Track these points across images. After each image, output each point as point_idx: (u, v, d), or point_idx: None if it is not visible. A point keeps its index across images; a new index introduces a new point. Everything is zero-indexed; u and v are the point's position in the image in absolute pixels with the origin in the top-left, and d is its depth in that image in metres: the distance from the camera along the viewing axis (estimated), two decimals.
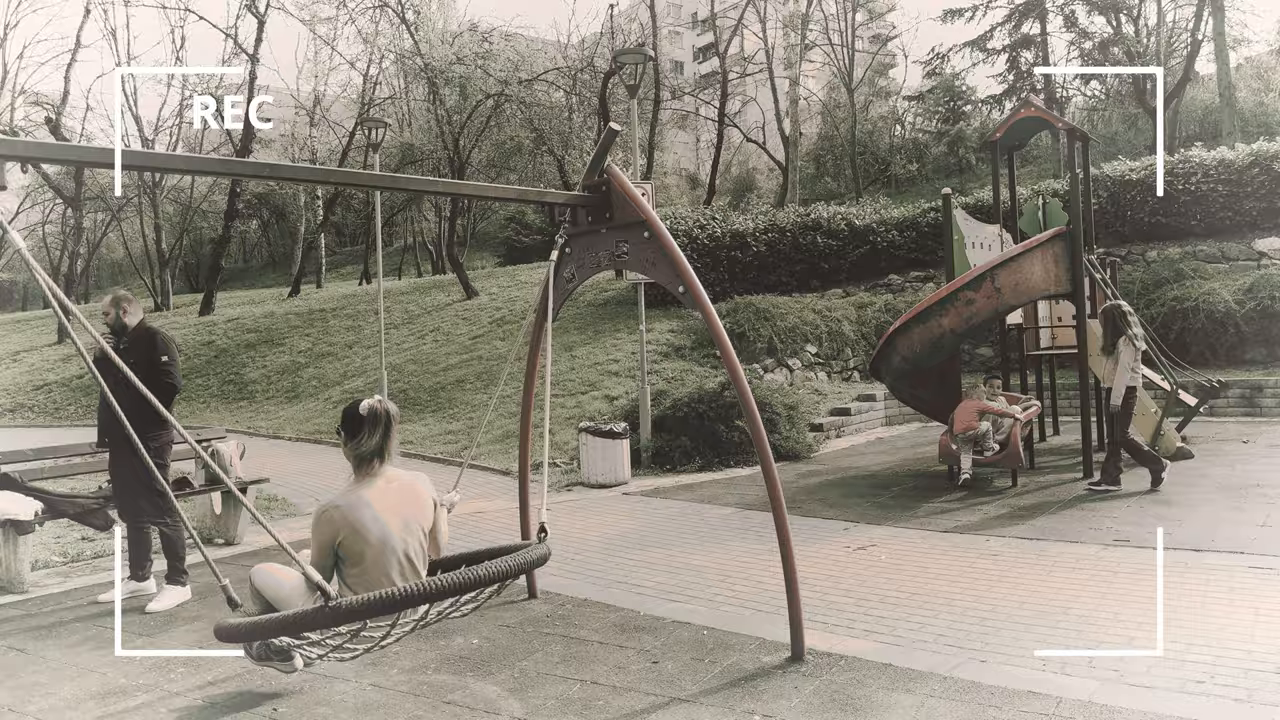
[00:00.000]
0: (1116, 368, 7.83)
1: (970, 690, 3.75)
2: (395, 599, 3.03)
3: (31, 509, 5.98)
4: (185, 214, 37.50)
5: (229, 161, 4.49)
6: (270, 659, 3.83)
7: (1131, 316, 7.93)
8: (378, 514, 3.37)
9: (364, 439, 3.46)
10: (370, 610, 3.02)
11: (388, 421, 3.48)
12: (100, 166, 2.99)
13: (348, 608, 2.96)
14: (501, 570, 3.32)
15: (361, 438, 3.46)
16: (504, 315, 20.48)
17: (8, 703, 4.00)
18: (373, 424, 3.45)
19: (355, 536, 3.34)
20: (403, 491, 3.50)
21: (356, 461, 3.49)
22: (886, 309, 15.53)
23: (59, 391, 22.69)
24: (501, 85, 24.72)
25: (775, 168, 38.21)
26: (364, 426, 3.46)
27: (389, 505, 3.42)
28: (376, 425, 3.46)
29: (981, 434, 8.30)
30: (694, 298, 4.30)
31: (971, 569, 5.68)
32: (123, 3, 33.55)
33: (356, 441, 3.46)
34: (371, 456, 3.47)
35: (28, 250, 2.94)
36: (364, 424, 3.46)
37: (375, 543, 3.35)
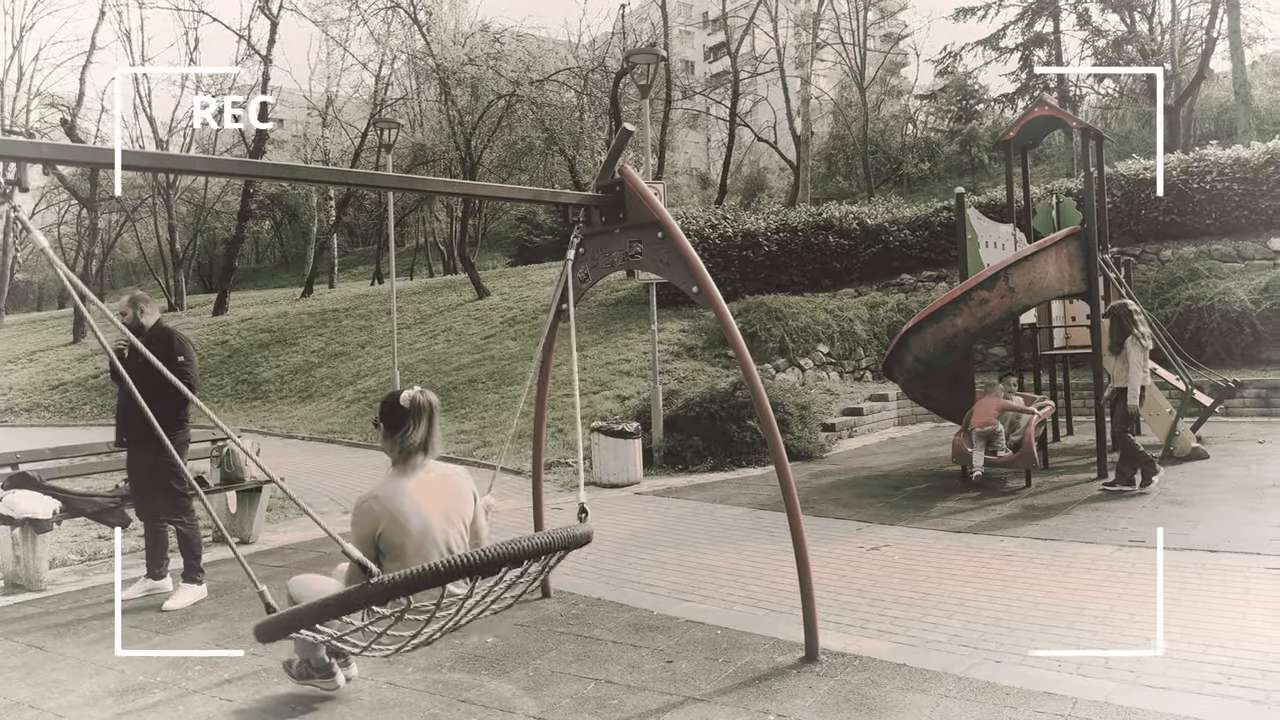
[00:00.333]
0: (1128, 367, 7.78)
1: (985, 691, 3.74)
2: (439, 571, 2.89)
3: (49, 508, 6.03)
4: (199, 214, 37.74)
5: (226, 161, 4.51)
6: (312, 676, 3.81)
7: (1138, 316, 7.88)
8: (418, 505, 3.33)
9: (409, 431, 3.41)
10: (414, 583, 2.88)
11: (430, 412, 3.44)
12: (100, 166, 3.00)
13: (390, 583, 2.84)
14: (548, 542, 3.20)
15: (406, 430, 3.41)
16: (515, 315, 20.54)
17: (28, 699, 4.04)
18: (416, 415, 3.41)
19: (395, 527, 3.31)
20: (442, 483, 3.47)
21: (398, 454, 3.44)
22: (899, 309, 15.49)
23: (74, 391, 22.87)
24: (513, 86, 24.77)
25: (786, 167, 38.17)
26: (408, 418, 3.41)
27: (429, 496, 3.39)
28: (420, 416, 3.42)
29: (995, 432, 8.28)
30: (708, 298, 4.31)
31: (986, 569, 5.66)
32: (137, 5, 33.75)
33: (401, 434, 3.41)
34: (416, 449, 3.42)
35: (51, 249, 2.97)
36: (408, 416, 3.41)
37: (416, 533, 3.31)
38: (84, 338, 28.66)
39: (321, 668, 3.84)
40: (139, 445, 5.58)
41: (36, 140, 3.44)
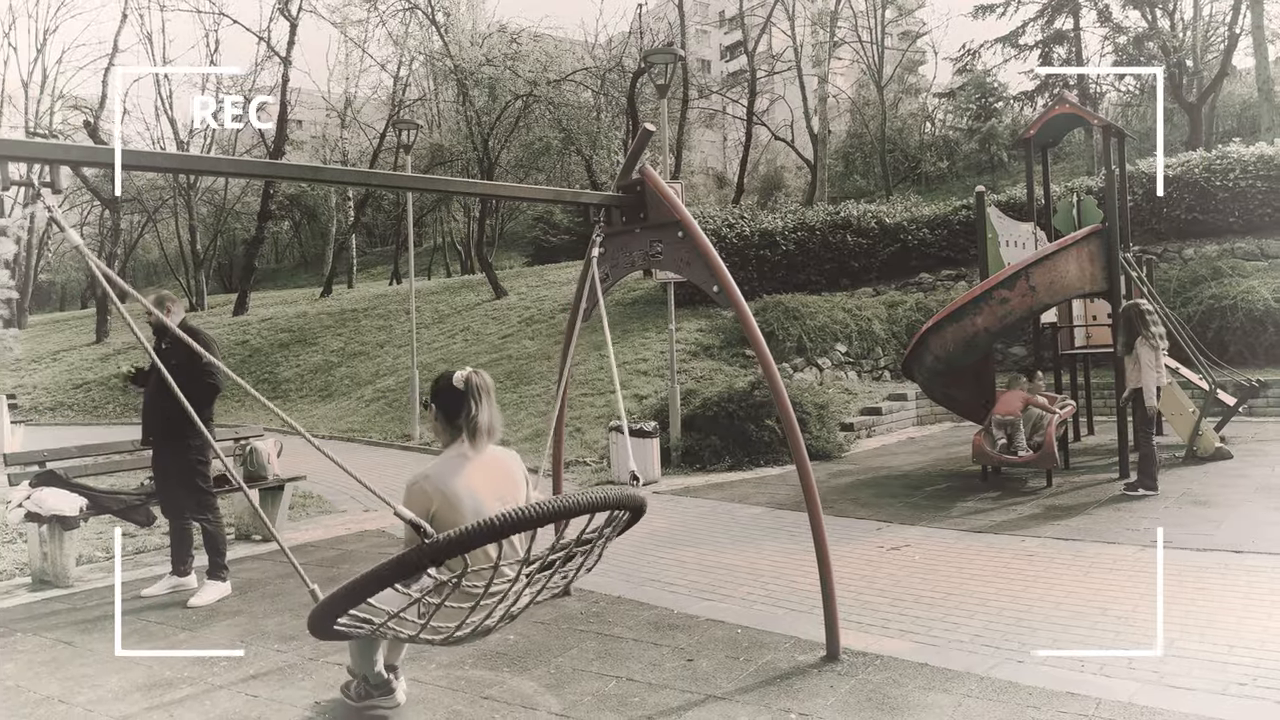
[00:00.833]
0: (1140, 368, 7.70)
1: (1008, 690, 3.73)
2: (495, 525, 2.69)
3: (76, 505, 6.11)
4: (219, 215, 38.05)
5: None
6: (371, 695, 3.72)
7: (1151, 316, 7.79)
8: (471, 486, 3.27)
9: (464, 413, 3.34)
10: (471, 538, 2.70)
11: (485, 393, 3.37)
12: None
13: (447, 539, 2.68)
14: (606, 498, 2.97)
15: (465, 412, 3.34)
16: (533, 315, 20.59)
17: (58, 694, 4.10)
18: (475, 396, 3.35)
19: (448, 507, 3.22)
20: (494, 465, 3.39)
21: (450, 436, 3.39)
22: (918, 308, 15.44)
23: (97, 390, 23.13)
24: (530, 86, 24.85)
25: (804, 166, 38.08)
26: (465, 400, 3.34)
27: (482, 478, 3.31)
28: (476, 398, 3.35)
29: (1016, 423, 8.25)
30: (728, 297, 4.31)
31: (1007, 569, 5.64)
32: (158, 7, 34.08)
33: (462, 416, 3.34)
34: (472, 431, 3.34)
35: (85, 246, 3.02)
36: (464, 397, 3.35)
37: (469, 514, 3.20)
38: (107, 337, 28.97)
39: (380, 684, 3.71)
40: (165, 443, 5.64)
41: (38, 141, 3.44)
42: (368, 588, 2.77)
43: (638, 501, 3.15)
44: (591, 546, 3.27)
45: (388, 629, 3.05)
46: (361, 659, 3.70)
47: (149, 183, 36.36)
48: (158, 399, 5.58)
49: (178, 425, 5.51)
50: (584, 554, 3.28)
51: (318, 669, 4.31)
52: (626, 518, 3.27)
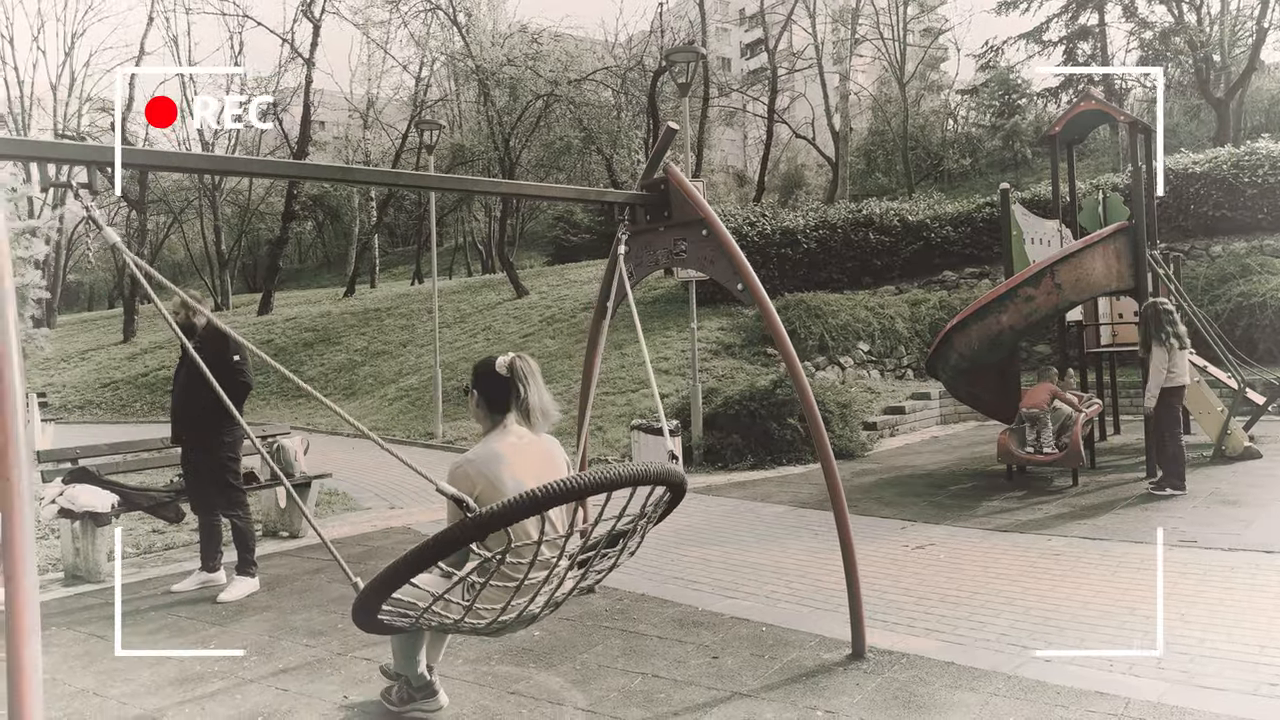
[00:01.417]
0: (1154, 369, 7.63)
1: (1035, 690, 3.71)
2: (537, 497, 2.65)
3: (108, 502, 6.21)
4: (244, 216, 38.42)
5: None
6: (413, 698, 3.68)
7: (1170, 315, 7.70)
8: (514, 472, 3.22)
9: (521, 394, 3.32)
10: (514, 511, 2.67)
11: (531, 377, 3.35)
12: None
13: (489, 513, 2.64)
14: (647, 472, 2.90)
15: (514, 395, 3.33)
16: (554, 314, 20.65)
17: (92, 687, 4.17)
18: (522, 380, 3.33)
19: (492, 491, 3.15)
20: (537, 451, 3.34)
21: (491, 421, 3.37)
22: (941, 306, 15.36)
23: (125, 389, 23.43)
24: (551, 85, 24.93)
25: (825, 164, 37.94)
26: (511, 385, 3.32)
27: (525, 463, 3.27)
28: (526, 381, 3.34)
29: (1043, 418, 8.20)
30: (753, 295, 4.32)
31: (1033, 568, 5.60)
32: (184, 10, 34.48)
33: (510, 400, 3.32)
34: (527, 414, 3.33)
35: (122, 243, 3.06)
36: (509, 383, 3.32)
37: (510, 494, 3.00)
38: (134, 337, 29.33)
39: (422, 686, 3.67)
40: (195, 440, 5.72)
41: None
42: (413, 565, 2.73)
43: (678, 477, 3.06)
44: (633, 530, 3.23)
45: (432, 615, 2.98)
46: (405, 659, 3.63)
47: (175, 184, 36.82)
48: (187, 397, 5.66)
49: (208, 422, 5.58)
50: (625, 538, 3.24)
51: (346, 664, 4.35)
52: (667, 499, 3.22)
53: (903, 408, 12.54)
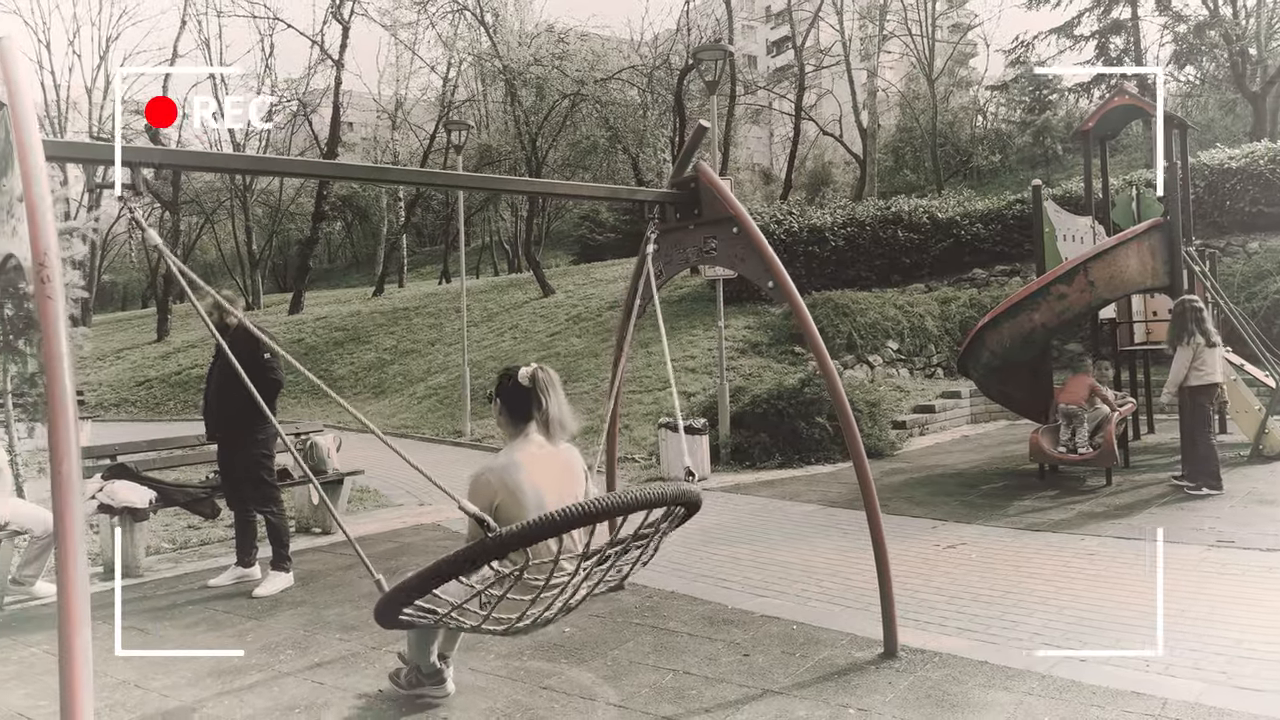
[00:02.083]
0: (1181, 365, 7.56)
1: (1070, 689, 3.68)
2: (557, 520, 2.74)
3: (146, 497, 6.32)
4: (274, 216, 38.84)
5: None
6: (422, 683, 3.78)
7: (1202, 313, 7.61)
8: (534, 481, 3.32)
9: (543, 406, 3.40)
10: (534, 533, 2.76)
11: (552, 387, 3.42)
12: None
13: (509, 534, 2.72)
14: (664, 495, 3.00)
15: (536, 406, 3.41)
16: (580, 313, 20.71)
17: (133, 679, 4.25)
18: (543, 392, 3.41)
19: (511, 500, 3.28)
20: (557, 460, 3.45)
21: (514, 430, 3.46)
22: (971, 304, 15.24)
23: (159, 387, 23.79)
24: (577, 85, 24.99)
25: (852, 161, 37.72)
26: (532, 395, 3.41)
27: (545, 473, 3.37)
28: (546, 392, 3.42)
29: (1080, 415, 8.12)
30: (784, 292, 4.31)
31: (1067, 568, 5.55)
32: (215, 14, 34.93)
33: (531, 410, 3.40)
34: (546, 425, 3.41)
35: (164, 245, 3.13)
36: (530, 394, 3.41)
37: (532, 509, 3.25)
38: (167, 336, 29.77)
39: (432, 674, 3.78)
40: (230, 437, 5.80)
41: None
42: (433, 579, 2.83)
43: (693, 497, 3.16)
44: (648, 541, 3.29)
45: (451, 619, 3.08)
46: (419, 649, 3.78)
47: (206, 185, 37.31)
48: (222, 395, 5.74)
49: (242, 420, 5.66)
50: (640, 548, 3.30)
51: (380, 658, 4.41)
52: (682, 513, 3.29)
53: (932, 406, 12.46)
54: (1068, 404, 8.30)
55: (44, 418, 7.14)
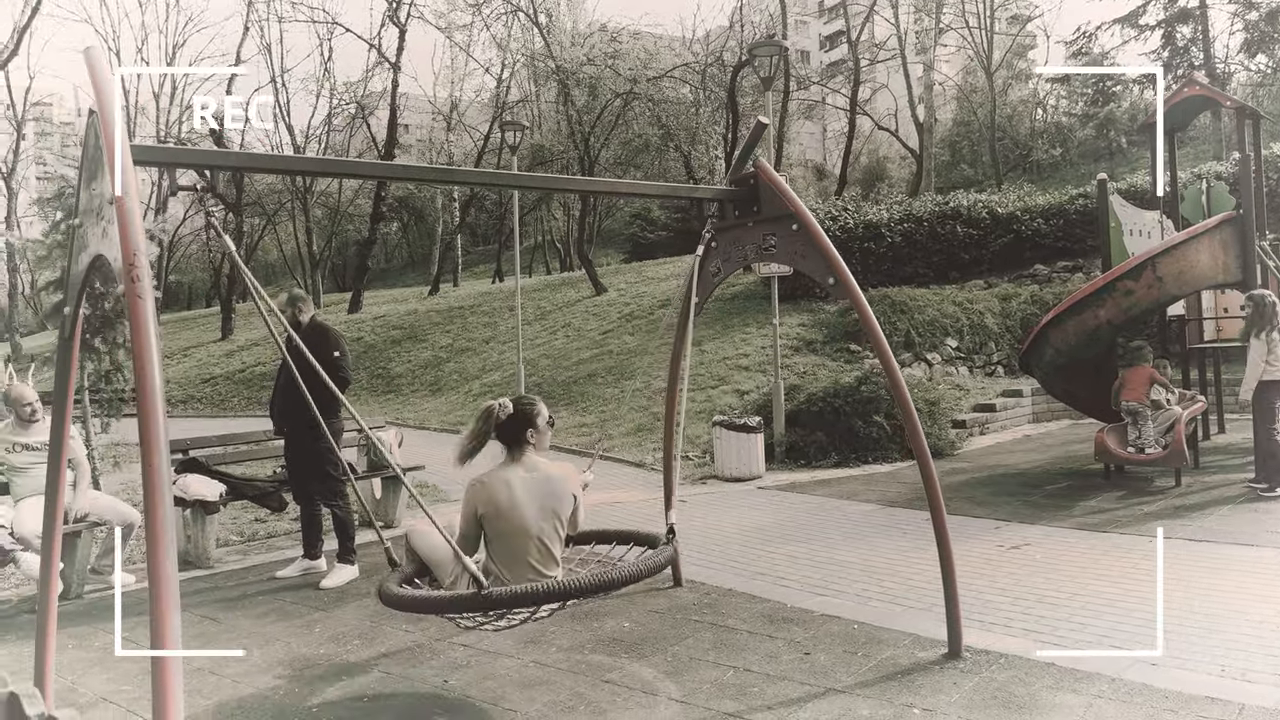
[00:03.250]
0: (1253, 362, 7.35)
1: (1141, 693, 3.61)
2: (538, 594, 3.44)
3: (217, 491, 6.51)
4: (334, 218, 39.60)
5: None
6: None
7: (1276, 307, 7.36)
8: (515, 498, 3.67)
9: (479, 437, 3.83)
10: (515, 601, 3.43)
11: (496, 422, 3.78)
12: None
13: (496, 597, 3.35)
14: (631, 574, 3.64)
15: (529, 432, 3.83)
16: (632, 311, 20.75)
17: (208, 666, 4.39)
18: (484, 423, 3.80)
19: (494, 512, 3.66)
20: (544, 484, 3.76)
21: (503, 451, 3.84)
22: (1032, 300, 14.93)
23: (224, 384, 24.43)
24: (630, 83, 25.03)
25: (908, 156, 37.19)
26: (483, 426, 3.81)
27: (529, 492, 3.71)
28: (487, 424, 3.79)
29: (1144, 412, 7.92)
30: (845, 289, 4.29)
31: (1135, 570, 5.42)
32: (276, 19, 35.73)
33: (526, 435, 3.83)
34: (510, 446, 3.80)
35: (235, 251, 3.23)
36: (482, 423, 3.81)
37: (513, 523, 3.67)
38: (231, 334, 30.56)
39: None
40: (298, 433, 5.94)
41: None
42: (428, 608, 3.65)
43: (664, 567, 3.91)
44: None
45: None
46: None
47: (268, 187, 38.17)
48: (291, 391, 5.88)
49: (311, 416, 5.79)
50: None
51: (445, 649, 4.49)
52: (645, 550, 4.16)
53: (993, 405, 12.25)
54: (1130, 401, 8.10)
55: (119, 413, 7.45)
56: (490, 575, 3.62)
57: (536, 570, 3.67)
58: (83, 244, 2.97)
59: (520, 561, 3.67)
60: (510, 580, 3.61)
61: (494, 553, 3.71)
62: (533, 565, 3.68)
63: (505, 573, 3.65)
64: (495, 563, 3.70)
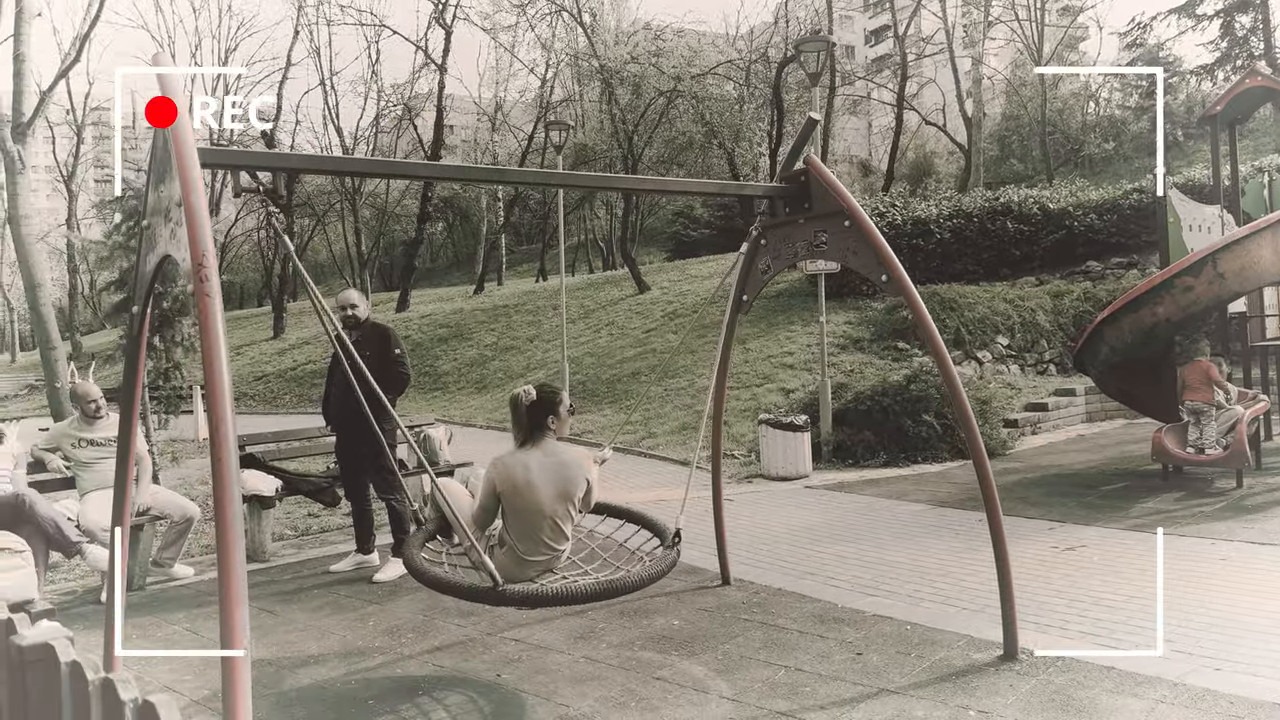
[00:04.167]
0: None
1: (1205, 698, 3.52)
2: (549, 595, 3.64)
3: (273, 486, 6.64)
4: (381, 218, 40.13)
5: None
6: None
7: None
8: (531, 480, 3.89)
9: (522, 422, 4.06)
10: (528, 600, 3.67)
11: (525, 408, 4.01)
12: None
13: (509, 594, 3.56)
14: (636, 581, 3.78)
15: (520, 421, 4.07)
16: (676, 309, 20.72)
17: (267, 657, 4.48)
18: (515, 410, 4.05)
19: (510, 491, 3.91)
20: (559, 466, 3.97)
21: (531, 436, 4.03)
22: (1085, 298, 14.62)
23: (276, 382, 24.90)
24: (674, 81, 24.99)
25: (956, 151, 36.66)
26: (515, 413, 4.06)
27: (545, 473, 3.92)
28: (518, 410, 4.04)
29: (1206, 411, 7.73)
30: (899, 286, 4.26)
31: (1196, 574, 5.30)
32: (325, 23, 36.32)
33: (547, 421, 4.05)
34: (532, 430, 4.01)
35: (295, 254, 3.30)
36: (514, 410, 4.07)
37: (529, 502, 3.88)
38: (283, 333, 31.13)
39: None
40: (357, 430, 6.00)
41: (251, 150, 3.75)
42: (450, 592, 3.77)
43: (665, 573, 3.97)
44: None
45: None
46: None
47: (317, 188, 38.80)
48: (350, 389, 5.98)
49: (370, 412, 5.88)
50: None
51: (496, 644, 4.53)
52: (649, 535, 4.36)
53: (1045, 404, 12.03)
54: (1195, 401, 7.91)
55: (177, 410, 7.61)
56: (505, 545, 3.95)
57: (548, 545, 3.94)
58: (151, 245, 3.05)
59: (533, 537, 3.92)
60: (522, 551, 3.90)
61: (509, 526, 3.96)
62: (544, 541, 3.94)
63: (518, 545, 3.92)
64: (510, 534, 3.96)
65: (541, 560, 3.95)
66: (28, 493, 5.46)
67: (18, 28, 13.55)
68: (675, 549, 4.09)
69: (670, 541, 4.12)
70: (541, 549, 3.93)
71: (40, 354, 14.96)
